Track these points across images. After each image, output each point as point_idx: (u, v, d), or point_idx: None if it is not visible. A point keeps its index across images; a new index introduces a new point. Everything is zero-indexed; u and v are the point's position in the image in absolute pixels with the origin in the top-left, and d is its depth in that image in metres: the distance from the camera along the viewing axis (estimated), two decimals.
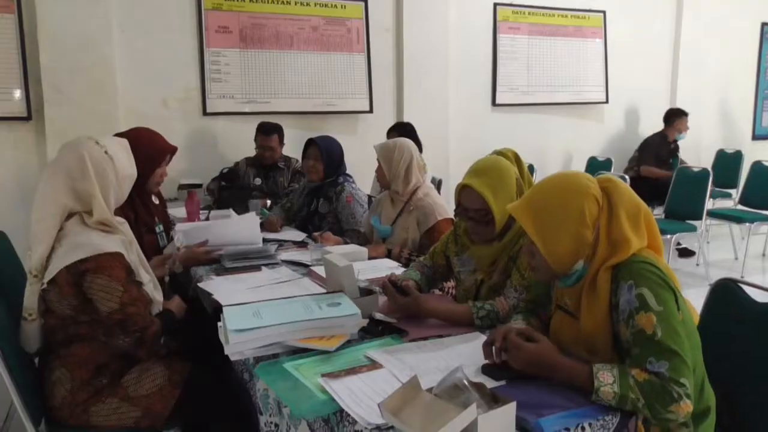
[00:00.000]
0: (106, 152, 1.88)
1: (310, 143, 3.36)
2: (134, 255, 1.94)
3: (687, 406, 1.29)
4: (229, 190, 4.13)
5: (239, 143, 4.50)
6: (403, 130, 4.16)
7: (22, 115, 4.02)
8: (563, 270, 1.49)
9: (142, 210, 2.64)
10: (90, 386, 1.80)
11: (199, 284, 2.34)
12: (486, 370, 1.48)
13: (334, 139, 3.49)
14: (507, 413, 1.19)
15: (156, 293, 2.00)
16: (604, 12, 6.18)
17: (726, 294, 1.82)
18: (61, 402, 1.79)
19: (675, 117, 6.11)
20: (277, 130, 4.21)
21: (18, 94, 4.01)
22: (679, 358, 1.31)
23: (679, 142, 6.19)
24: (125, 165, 1.96)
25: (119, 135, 2.59)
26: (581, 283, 1.50)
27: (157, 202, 2.96)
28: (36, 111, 4.05)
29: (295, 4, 4.78)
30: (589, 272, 1.47)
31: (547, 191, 1.51)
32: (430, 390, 1.24)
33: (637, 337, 1.36)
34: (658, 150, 6.04)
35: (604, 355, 1.46)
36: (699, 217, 5.08)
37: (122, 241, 1.87)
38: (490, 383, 1.40)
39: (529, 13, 5.84)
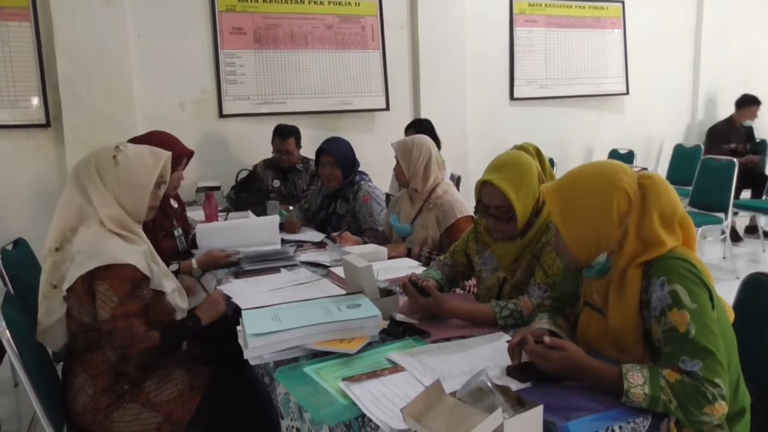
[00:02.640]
0: (114, 156, 1.86)
1: (321, 152, 3.33)
2: (155, 265, 1.90)
3: (722, 408, 1.24)
4: (248, 191, 4.13)
5: (256, 145, 4.50)
6: (420, 127, 4.12)
7: (40, 122, 4.07)
8: (584, 259, 1.46)
9: (160, 214, 2.63)
10: (111, 392, 1.80)
11: (218, 287, 2.33)
12: (511, 371, 1.44)
13: (342, 138, 3.46)
14: (534, 417, 1.15)
15: (180, 301, 1.98)
16: (622, 1, 6.09)
17: (757, 289, 1.76)
18: (83, 408, 1.79)
19: (747, 103, 6.11)
20: (294, 132, 4.19)
21: (36, 101, 4.05)
22: (714, 357, 1.26)
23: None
24: (133, 174, 1.87)
25: (136, 139, 2.60)
26: (608, 278, 1.45)
27: (175, 205, 2.96)
28: (54, 118, 4.08)
29: (309, 3, 4.77)
30: (616, 267, 1.42)
31: (579, 177, 1.48)
32: (453, 394, 1.21)
33: (669, 335, 1.31)
34: (727, 137, 6.05)
35: (634, 353, 1.41)
36: (725, 209, 4.97)
37: (143, 252, 1.84)
38: (515, 385, 1.36)
39: (545, 5, 5.77)
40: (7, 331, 1.67)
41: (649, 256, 1.38)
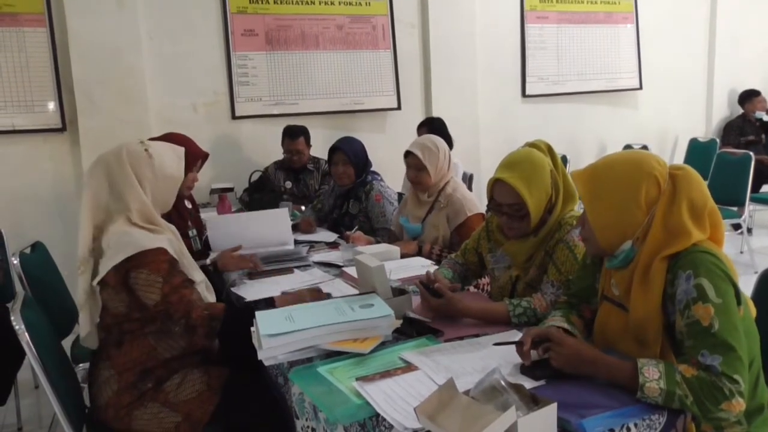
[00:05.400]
0: (146, 150, 1.93)
1: (334, 150, 3.35)
2: (184, 257, 1.97)
3: (739, 405, 1.23)
4: (260, 193, 4.15)
5: (269, 146, 4.52)
6: (432, 125, 4.13)
7: (56, 126, 4.11)
8: (609, 246, 1.46)
9: (175, 214, 2.66)
10: (135, 389, 1.82)
11: (232, 288, 2.35)
12: (524, 369, 1.44)
13: (355, 138, 3.48)
14: (548, 415, 1.15)
15: (208, 294, 2.02)
16: None
17: None
18: (106, 402, 1.82)
19: (749, 97, 6.37)
20: (303, 132, 4.20)
21: (52, 105, 4.09)
22: (735, 354, 1.25)
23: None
24: (166, 165, 1.97)
25: (153, 140, 2.62)
26: (631, 270, 1.44)
27: (189, 206, 2.98)
28: (70, 122, 4.13)
29: (320, 3, 4.78)
30: (640, 257, 1.42)
31: (610, 163, 1.49)
32: (467, 392, 1.21)
33: (691, 329, 1.30)
34: (742, 130, 6.33)
35: (654, 347, 1.40)
36: (742, 203, 4.92)
37: (169, 240, 1.90)
38: (529, 383, 1.36)
39: (557, 1, 5.73)
40: (27, 334, 1.70)
41: (673, 248, 1.37)
